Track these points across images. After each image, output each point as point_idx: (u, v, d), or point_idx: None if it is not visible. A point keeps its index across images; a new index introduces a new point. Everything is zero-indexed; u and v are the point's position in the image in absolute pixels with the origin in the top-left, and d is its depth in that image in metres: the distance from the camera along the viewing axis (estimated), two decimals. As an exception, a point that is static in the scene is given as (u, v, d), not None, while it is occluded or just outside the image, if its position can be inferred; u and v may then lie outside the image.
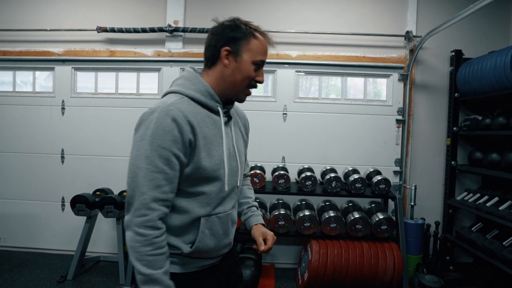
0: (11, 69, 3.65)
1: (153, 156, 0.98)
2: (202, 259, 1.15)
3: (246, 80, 1.13)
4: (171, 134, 1.00)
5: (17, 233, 3.60)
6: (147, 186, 0.98)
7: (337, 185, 2.97)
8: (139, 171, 0.99)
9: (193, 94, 1.10)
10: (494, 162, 2.88)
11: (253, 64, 1.12)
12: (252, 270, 2.80)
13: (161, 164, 0.99)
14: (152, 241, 0.98)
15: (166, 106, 1.01)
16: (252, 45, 1.12)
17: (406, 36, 3.38)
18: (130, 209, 0.99)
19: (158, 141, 0.99)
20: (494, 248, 2.59)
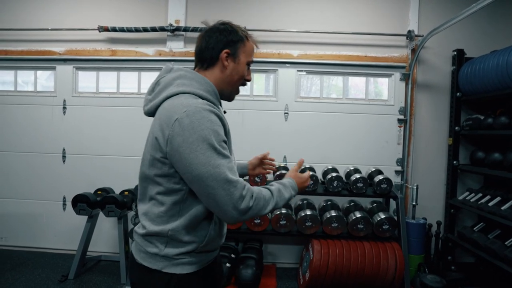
0: (12, 69, 3.66)
1: (223, 152, 1.02)
2: (208, 252, 1.18)
3: (241, 79, 1.23)
4: (221, 126, 1.06)
5: (18, 232, 3.61)
6: (235, 176, 1.02)
7: (338, 184, 2.97)
8: (220, 169, 0.99)
9: (205, 95, 1.13)
10: (496, 161, 2.87)
11: (246, 65, 1.23)
12: (253, 269, 2.80)
13: (228, 154, 1.04)
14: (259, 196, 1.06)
15: (200, 105, 1.03)
16: (247, 47, 1.23)
17: (408, 36, 3.37)
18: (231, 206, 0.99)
19: (218, 136, 1.02)
20: (496, 248, 2.58)
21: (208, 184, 0.98)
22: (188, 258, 1.12)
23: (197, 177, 0.99)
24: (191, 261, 1.13)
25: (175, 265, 1.11)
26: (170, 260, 1.11)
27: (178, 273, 1.11)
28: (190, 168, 0.99)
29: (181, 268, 1.11)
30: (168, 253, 1.10)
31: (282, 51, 3.43)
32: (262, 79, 3.61)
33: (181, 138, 0.99)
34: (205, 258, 1.17)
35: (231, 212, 1.00)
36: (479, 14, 3.04)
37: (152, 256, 1.12)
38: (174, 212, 1.10)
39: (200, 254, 1.15)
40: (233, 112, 3.40)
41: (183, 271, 1.11)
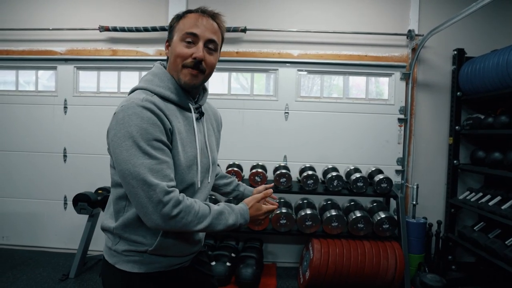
0: (13, 68, 3.67)
1: (149, 150, 0.96)
2: (170, 257, 1.11)
3: (177, 59, 1.08)
4: (156, 124, 0.98)
5: (19, 231, 3.62)
6: (156, 179, 0.95)
7: (338, 184, 2.97)
8: (140, 169, 0.94)
9: (162, 92, 1.07)
10: (497, 161, 2.87)
11: (181, 41, 1.08)
12: (253, 269, 2.81)
13: (159, 155, 0.97)
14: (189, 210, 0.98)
15: (139, 102, 0.99)
16: (179, 25, 1.10)
17: (408, 35, 3.37)
18: (150, 210, 0.94)
19: (147, 134, 0.96)
20: (496, 247, 2.58)
21: (129, 182, 0.95)
22: (139, 257, 1.08)
23: (120, 173, 0.97)
24: (142, 260, 1.08)
25: (126, 262, 1.08)
26: (121, 256, 1.09)
27: (128, 271, 1.07)
28: (116, 163, 0.98)
29: (131, 266, 1.08)
30: (118, 249, 1.08)
31: (283, 51, 3.44)
32: (263, 78, 3.62)
33: (113, 132, 0.98)
34: (163, 261, 1.10)
35: (152, 215, 0.94)
36: (479, 13, 3.05)
37: (108, 250, 1.12)
38: (119, 207, 1.08)
39: (154, 257, 1.09)
40: (233, 111, 3.41)
41: (132, 270, 1.07)
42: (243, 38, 3.46)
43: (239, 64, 3.47)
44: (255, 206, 1.14)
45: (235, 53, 3.43)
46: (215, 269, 2.81)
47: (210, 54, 1.10)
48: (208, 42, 1.09)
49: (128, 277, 1.08)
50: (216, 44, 1.12)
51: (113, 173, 1.07)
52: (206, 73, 1.11)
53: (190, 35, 1.07)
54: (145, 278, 1.08)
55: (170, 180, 0.98)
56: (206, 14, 1.10)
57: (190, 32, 1.06)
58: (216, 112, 1.38)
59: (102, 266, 1.16)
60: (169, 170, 0.99)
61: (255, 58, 3.44)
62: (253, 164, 3.30)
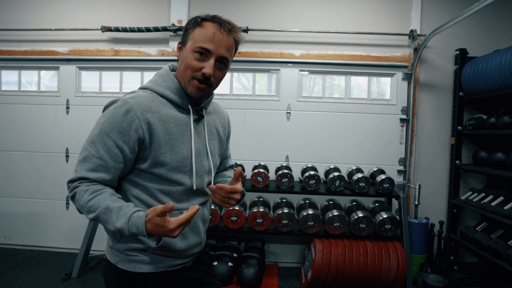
0: (16, 69, 3.68)
1: (98, 142, 1.02)
2: (171, 258, 1.12)
3: (187, 70, 1.07)
4: (119, 125, 1.02)
5: (22, 231, 3.63)
6: (82, 167, 1.03)
7: (340, 184, 2.97)
8: (83, 152, 1.04)
9: (163, 91, 1.10)
10: (499, 161, 2.86)
11: (193, 52, 1.06)
12: (255, 268, 2.81)
13: (103, 151, 1.02)
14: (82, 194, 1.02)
15: (126, 98, 1.05)
16: (195, 33, 1.07)
17: (410, 35, 3.37)
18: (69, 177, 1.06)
19: (106, 129, 1.02)
20: (499, 247, 2.58)
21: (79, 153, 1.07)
22: (140, 256, 1.08)
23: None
24: (144, 260, 1.08)
25: (127, 262, 1.08)
26: (122, 255, 1.09)
27: (131, 271, 1.07)
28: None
29: (133, 266, 1.08)
30: (119, 248, 1.09)
31: (285, 51, 3.44)
32: (265, 78, 3.62)
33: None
34: (165, 261, 1.11)
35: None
36: (481, 13, 3.04)
37: (110, 249, 1.13)
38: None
39: (156, 256, 1.09)
40: (235, 111, 3.41)
41: (135, 269, 1.07)
42: (245, 38, 3.46)
43: (241, 64, 3.47)
44: (154, 220, 0.91)
45: (237, 53, 3.42)
46: (217, 269, 2.81)
47: (220, 70, 1.10)
48: (220, 58, 1.07)
49: (130, 277, 1.08)
50: (228, 60, 1.10)
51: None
52: (213, 86, 1.12)
53: (204, 49, 1.05)
54: (147, 278, 1.08)
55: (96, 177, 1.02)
56: (225, 27, 1.07)
57: (204, 47, 1.05)
58: (224, 115, 1.35)
59: (104, 266, 1.17)
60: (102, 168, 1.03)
61: (257, 58, 3.44)
62: (255, 164, 3.30)
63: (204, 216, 1.23)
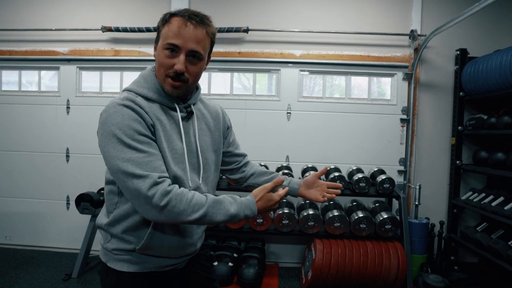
0: (16, 69, 3.68)
1: (135, 145, 0.97)
2: (160, 257, 1.11)
3: (160, 68, 1.07)
4: (137, 120, 1.00)
5: (22, 231, 3.63)
6: (146, 171, 0.95)
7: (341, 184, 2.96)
8: (127, 163, 0.95)
9: (146, 93, 1.08)
10: (500, 161, 2.86)
11: (163, 49, 1.05)
12: (256, 269, 2.81)
13: (146, 148, 0.98)
14: (180, 198, 0.97)
15: (119, 101, 1.02)
16: (164, 30, 1.06)
17: (410, 35, 3.36)
18: (143, 201, 0.95)
19: (130, 130, 0.98)
20: (499, 248, 2.58)
21: (119, 177, 0.97)
22: (128, 255, 1.08)
23: (111, 171, 1.00)
24: (132, 260, 1.08)
25: (116, 261, 1.09)
26: (111, 254, 1.10)
27: (118, 270, 1.08)
28: (106, 162, 1.01)
29: (121, 265, 1.08)
30: (108, 247, 1.10)
31: (285, 51, 3.44)
32: (265, 79, 3.62)
33: (100, 132, 1.02)
34: (153, 261, 1.10)
35: (145, 207, 0.95)
36: (482, 13, 3.03)
37: (101, 248, 1.14)
38: (111, 204, 1.10)
39: (144, 256, 1.09)
40: (235, 111, 3.41)
41: (122, 268, 1.08)
42: (245, 39, 3.46)
43: (241, 64, 3.47)
44: (265, 197, 1.07)
45: (237, 53, 3.43)
46: (217, 269, 2.81)
47: (193, 64, 1.06)
48: (190, 52, 1.04)
49: (119, 276, 1.09)
50: (200, 54, 1.06)
51: (106, 171, 1.10)
52: (189, 81, 1.08)
53: (171, 45, 1.03)
54: (135, 277, 1.08)
55: (161, 171, 0.99)
56: (192, 20, 1.03)
57: (171, 42, 1.03)
58: (217, 110, 1.31)
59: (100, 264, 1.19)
60: (159, 162, 1.00)
61: (257, 58, 3.44)
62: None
63: None
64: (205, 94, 3.45)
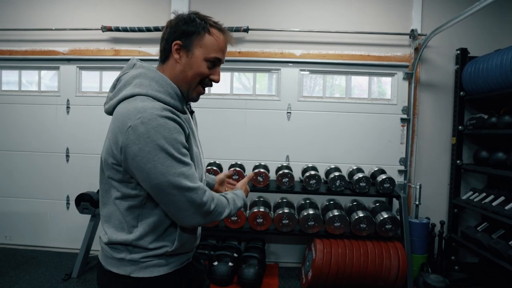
0: (16, 69, 3.68)
1: (183, 160, 0.99)
2: (182, 254, 1.15)
3: (197, 77, 1.09)
4: (181, 132, 1.01)
5: (22, 231, 3.63)
6: (194, 183, 1.00)
7: (341, 184, 2.96)
8: (180, 177, 0.96)
9: (164, 98, 1.04)
10: (500, 161, 2.86)
11: (205, 61, 1.08)
12: (256, 268, 2.80)
13: (188, 160, 1.02)
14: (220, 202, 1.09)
15: (159, 112, 0.96)
16: (206, 41, 1.07)
17: (411, 35, 3.36)
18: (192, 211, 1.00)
19: (177, 144, 0.98)
20: (500, 247, 2.57)
21: (169, 192, 0.96)
22: (157, 260, 1.07)
23: (156, 186, 0.96)
24: (160, 263, 1.08)
25: (144, 269, 1.06)
26: (138, 263, 1.06)
27: (147, 277, 1.05)
28: (149, 178, 0.96)
29: (150, 271, 1.06)
30: (134, 258, 1.05)
31: (285, 51, 3.43)
32: (265, 78, 3.62)
33: (137, 147, 0.94)
34: (176, 260, 1.12)
35: (193, 216, 1.01)
36: (482, 12, 3.03)
37: (119, 261, 1.07)
38: (132, 218, 1.05)
39: (171, 257, 1.10)
40: (235, 111, 3.41)
41: (152, 274, 1.06)
42: (245, 38, 3.45)
43: (242, 64, 3.47)
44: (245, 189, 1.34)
45: (237, 53, 3.43)
46: (217, 269, 2.81)
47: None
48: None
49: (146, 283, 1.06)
50: None
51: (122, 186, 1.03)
52: None
53: (218, 60, 1.10)
54: (164, 279, 1.08)
55: (201, 179, 1.10)
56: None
57: (219, 57, 1.10)
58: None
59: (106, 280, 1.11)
60: (196, 172, 1.06)
61: (257, 58, 3.43)
62: (255, 164, 3.30)
63: None
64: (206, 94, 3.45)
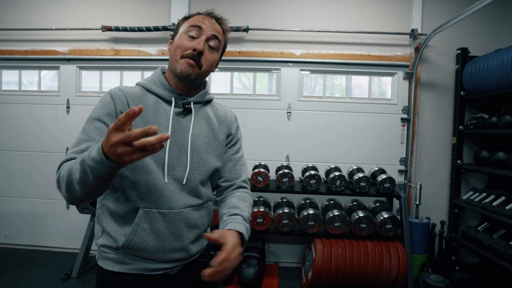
0: (16, 68, 3.68)
1: (87, 128, 1.04)
2: (145, 259, 1.07)
3: (177, 49, 1.10)
4: (107, 107, 1.06)
5: (22, 231, 3.63)
6: (72, 151, 0.99)
7: (341, 183, 2.96)
8: (75, 140, 1.03)
9: (147, 84, 1.14)
10: (501, 161, 2.85)
11: (185, 33, 1.11)
12: (256, 268, 2.80)
13: (93, 134, 1.02)
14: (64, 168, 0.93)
15: (110, 89, 1.11)
16: (185, 23, 1.15)
17: (411, 34, 3.35)
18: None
19: (94, 114, 1.06)
20: (500, 248, 2.56)
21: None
22: (113, 255, 1.06)
23: None
24: (116, 259, 1.06)
25: (103, 259, 1.08)
26: (100, 251, 1.10)
27: (104, 268, 1.07)
28: None
29: (107, 264, 1.07)
30: (97, 243, 1.10)
31: (285, 50, 3.43)
32: (265, 78, 3.61)
33: None
34: (138, 263, 1.06)
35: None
36: (483, 12, 3.03)
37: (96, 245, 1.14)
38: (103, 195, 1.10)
39: (129, 256, 1.06)
40: (235, 111, 3.35)
41: (108, 267, 1.06)
42: (245, 38, 3.45)
43: (242, 63, 3.47)
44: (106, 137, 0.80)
45: (237, 52, 3.43)
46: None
47: (210, 52, 1.12)
48: (210, 38, 1.11)
49: (104, 274, 1.08)
50: (218, 43, 1.14)
51: None
52: (203, 68, 1.11)
53: (195, 27, 1.10)
54: (119, 277, 1.06)
55: (79, 152, 0.98)
56: (213, 15, 1.17)
57: (196, 24, 1.10)
58: (226, 114, 1.27)
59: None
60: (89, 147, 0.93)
61: (257, 58, 3.43)
62: (255, 164, 3.29)
63: (191, 221, 1.11)
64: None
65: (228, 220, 1.07)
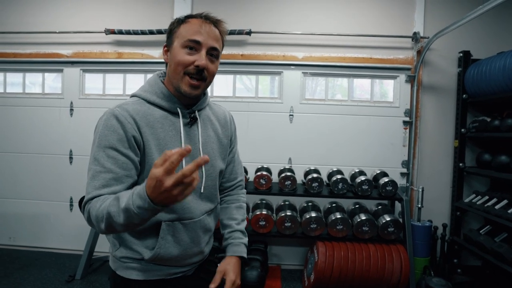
0: (21, 71, 3.70)
1: (101, 157, 0.97)
2: (168, 266, 1.11)
3: (178, 66, 1.04)
4: (116, 133, 0.99)
5: (26, 232, 3.65)
6: (93, 187, 0.96)
7: (343, 186, 2.96)
8: (89, 172, 0.98)
9: (149, 97, 1.08)
10: (503, 164, 2.85)
11: (183, 48, 1.04)
12: (258, 271, 2.81)
13: (109, 164, 0.97)
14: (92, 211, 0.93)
15: (113, 108, 1.03)
16: (181, 30, 1.06)
17: (413, 37, 3.36)
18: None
19: (104, 142, 0.98)
20: (503, 251, 2.56)
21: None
22: (136, 264, 1.08)
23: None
24: (140, 267, 1.08)
25: (125, 269, 1.09)
26: (120, 262, 1.10)
27: (125, 277, 1.09)
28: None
29: (129, 273, 1.09)
30: (116, 255, 1.10)
31: (287, 53, 3.44)
32: (267, 81, 3.62)
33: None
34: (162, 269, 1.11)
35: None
36: (485, 15, 3.01)
37: (110, 256, 1.15)
38: None
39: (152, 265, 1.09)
40: (238, 114, 3.41)
41: (131, 276, 1.08)
42: (248, 41, 3.46)
43: (244, 66, 3.48)
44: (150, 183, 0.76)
45: (239, 55, 3.44)
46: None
47: (212, 62, 1.08)
48: (210, 49, 1.06)
49: (127, 284, 1.09)
50: (218, 52, 1.09)
51: None
52: (207, 81, 1.09)
53: (193, 42, 1.03)
54: (144, 285, 1.08)
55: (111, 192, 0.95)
56: (209, 20, 1.08)
57: (193, 39, 1.03)
58: (225, 115, 1.29)
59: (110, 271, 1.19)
60: (114, 181, 0.97)
61: (259, 61, 3.44)
62: (257, 166, 3.30)
63: (206, 226, 1.19)
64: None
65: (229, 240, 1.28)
